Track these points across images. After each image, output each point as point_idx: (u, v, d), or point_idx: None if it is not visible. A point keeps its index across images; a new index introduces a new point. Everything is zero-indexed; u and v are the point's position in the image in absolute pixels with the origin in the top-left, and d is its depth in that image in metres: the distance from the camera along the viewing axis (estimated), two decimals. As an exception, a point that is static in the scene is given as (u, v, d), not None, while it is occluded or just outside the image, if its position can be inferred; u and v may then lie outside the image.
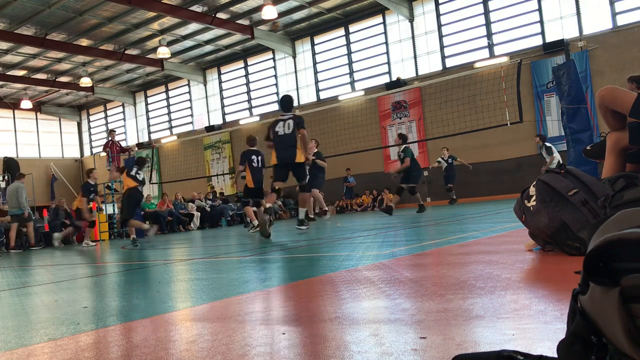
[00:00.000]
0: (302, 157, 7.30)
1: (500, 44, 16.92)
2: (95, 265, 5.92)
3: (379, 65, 19.34)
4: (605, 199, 2.28)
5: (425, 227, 6.62)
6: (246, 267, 4.08)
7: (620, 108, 3.08)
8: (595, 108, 14.07)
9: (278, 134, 7.33)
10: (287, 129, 7.27)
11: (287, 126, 7.28)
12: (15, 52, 19.56)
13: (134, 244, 8.44)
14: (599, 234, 0.87)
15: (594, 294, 0.81)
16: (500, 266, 2.53)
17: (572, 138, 8.52)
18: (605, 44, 14.88)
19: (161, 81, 25.04)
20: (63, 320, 2.24)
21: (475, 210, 9.34)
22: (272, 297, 2.38)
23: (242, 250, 5.81)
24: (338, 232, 7.06)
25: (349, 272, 2.87)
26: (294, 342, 1.49)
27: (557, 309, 1.58)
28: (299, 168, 7.42)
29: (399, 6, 17.97)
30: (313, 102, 20.39)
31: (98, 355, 1.60)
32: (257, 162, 9.17)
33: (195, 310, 2.23)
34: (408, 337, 1.44)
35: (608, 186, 2.49)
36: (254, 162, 9.13)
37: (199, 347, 1.54)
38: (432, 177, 18.09)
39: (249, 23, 18.91)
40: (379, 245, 4.62)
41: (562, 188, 2.65)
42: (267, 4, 15.88)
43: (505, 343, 1.28)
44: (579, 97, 8.20)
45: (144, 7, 16.15)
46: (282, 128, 7.32)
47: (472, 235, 4.50)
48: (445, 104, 15.50)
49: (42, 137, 26.65)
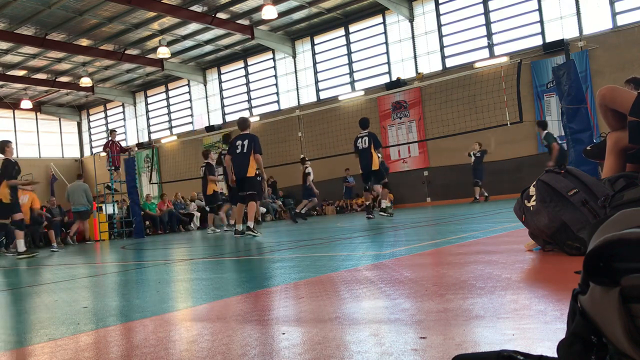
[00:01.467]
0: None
1: (500, 44, 16.92)
2: (95, 265, 5.92)
3: (379, 65, 19.34)
4: (605, 199, 2.28)
5: (425, 227, 6.62)
6: (246, 267, 4.08)
7: (620, 107, 3.08)
8: (595, 108, 14.08)
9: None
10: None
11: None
12: (15, 52, 19.56)
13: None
14: (599, 234, 0.87)
15: (594, 294, 0.81)
16: (500, 266, 2.53)
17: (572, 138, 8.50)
18: (605, 44, 14.88)
19: (161, 81, 25.04)
20: (63, 320, 2.24)
21: (475, 210, 9.34)
22: (272, 297, 2.38)
23: (242, 250, 5.81)
24: (338, 232, 7.06)
25: (349, 272, 2.87)
26: (294, 342, 1.49)
27: (557, 309, 1.58)
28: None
29: (399, 6, 17.97)
30: (313, 102, 20.39)
31: (98, 355, 1.60)
32: (242, 147, 8.42)
33: (195, 310, 2.23)
34: (408, 337, 1.44)
35: (608, 186, 2.49)
36: (237, 148, 8.44)
37: (199, 347, 1.54)
38: (432, 177, 18.11)
39: (249, 23, 18.91)
40: (379, 245, 4.62)
41: (562, 188, 2.65)
42: (267, 4, 15.89)
43: (505, 343, 1.28)
44: (579, 97, 8.18)
45: (144, 7, 16.16)
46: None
47: (472, 235, 4.50)
48: (445, 104, 15.49)
49: (42, 137, 26.67)
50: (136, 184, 14.17)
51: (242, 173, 8.36)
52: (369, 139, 10.19)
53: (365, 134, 10.29)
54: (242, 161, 8.36)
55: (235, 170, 8.46)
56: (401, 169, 18.54)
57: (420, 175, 18.31)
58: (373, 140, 10.22)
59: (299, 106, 20.17)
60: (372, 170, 10.13)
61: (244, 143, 8.40)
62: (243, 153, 8.36)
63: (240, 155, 8.38)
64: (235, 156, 8.44)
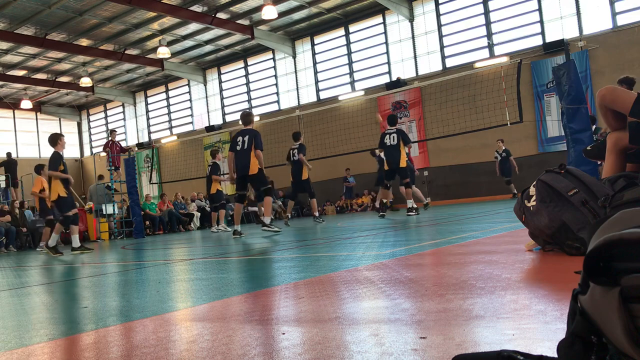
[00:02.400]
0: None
1: (500, 44, 16.93)
2: (95, 265, 5.92)
3: (379, 65, 19.35)
4: (605, 199, 2.28)
5: (425, 227, 6.62)
6: (246, 267, 4.08)
7: (620, 107, 3.08)
8: (595, 108, 14.08)
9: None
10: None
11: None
12: (15, 52, 19.57)
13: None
14: (599, 234, 0.87)
15: (594, 294, 0.81)
16: (500, 266, 2.53)
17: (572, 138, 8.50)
18: (605, 44, 14.89)
19: (161, 81, 25.04)
20: (63, 320, 2.24)
21: (475, 210, 9.34)
22: (272, 297, 2.38)
23: (242, 250, 5.81)
24: (338, 232, 7.06)
25: (349, 272, 2.87)
26: (294, 342, 1.49)
27: (557, 309, 1.58)
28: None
29: (399, 6, 17.97)
30: (313, 102, 20.40)
31: (98, 355, 1.60)
32: (242, 143, 8.22)
33: (195, 310, 2.23)
34: (408, 337, 1.44)
35: (608, 186, 2.50)
36: (238, 144, 8.23)
37: (199, 347, 1.54)
38: (432, 177, 18.10)
39: (249, 23, 18.91)
40: (379, 245, 4.62)
41: (562, 188, 2.65)
42: (267, 4, 15.89)
43: (505, 343, 1.28)
44: (579, 97, 8.18)
45: (144, 7, 16.16)
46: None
47: (472, 235, 4.50)
48: (445, 104, 15.50)
49: (42, 137, 26.63)
50: (136, 184, 14.18)
51: (244, 170, 8.12)
52: (398, 135, 10.13)
53: (393, 131, 10.22)
54: (243, 158, 8.14)
55: (237, 167, 8.22)
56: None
57: (420, 175, 18.31)
58: (402, 136, 10.17)
59: (299, 106, 20.17)
60: (399, 167, 10.07)
61: (245, 139, 8.18)
62: (243, 149, 8.15)
63: (241, 152, 8.17)
64: (236, 153, 8.24)
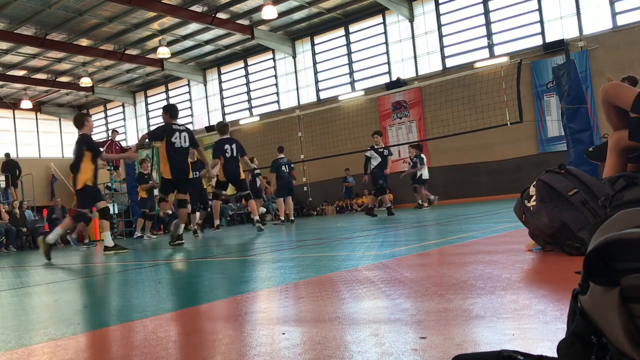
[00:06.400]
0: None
1: (500, 44, 16.92)
2: (95, 265, 5.92)
3: (379, 65, 19.34)
4: (605, 199, 2.28)
5: (425, 227, 6.62)
6: (246, 267, 4.08)
7: (622, 103, 3.08)
8: (595, 108, 14.07)
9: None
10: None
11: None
12: (15, 52, 19.55)
13: None
14: (599, 234, 0.87)
15: (594, 294, 0.81)
16: (500, 266, 2.53)
17: (572, 138, 8.52)
18: (605, 44, 14.88)
19: (161, 81, 25.03)
20: (63, 320, 2.24)
21: (475, 210, 9.34)
22: (272, 297, 2.38)
23: (242, 250, 5.81)
24: (338, 232, 7.06)
25: (349, 272, 2.87)
26: (294, 342, 1.49)
27: (557, 309, 1.58)
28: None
29: (399, 6, 17.97)
30: (313, 102, 20.39)
31: (98, 355, 1.60)
32: (231, 150, 9.10)
33: (196, 310, 2.23)
34: (408, 337, 1.44)
35: (608, 186, 2.50)
36: (227, 152, 9.07)
37: (199, 347, 1.54)
38: (433, 177, 18.09)
39: (249, 23, 18.91)
40: (379, 245, 4.62)
41: (562, 188, 2.65)
42: (267, 4, 15.88)
43: (505, 343, 1.28)
44: (579, 97, 8.20)
45: (144, 7, 16.15)
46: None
47: (472, 235, 4.50)
48: (445, 104, 15.49)
49: (42, 137, 26.64)
50: (136, 184, 14.17)
51: (236, 175, 9.18)
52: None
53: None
54: (235, 164, 9.14)
55: (229, 172, 9.14)
56: (401, 169, 18.50)
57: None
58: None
59: (299, 106, 20.16)
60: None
61: (233, 147, 9.12)
62: (234, 157, 9.10)
63: (232, 159, 9.10)
64: (226, 159, 9.09)
